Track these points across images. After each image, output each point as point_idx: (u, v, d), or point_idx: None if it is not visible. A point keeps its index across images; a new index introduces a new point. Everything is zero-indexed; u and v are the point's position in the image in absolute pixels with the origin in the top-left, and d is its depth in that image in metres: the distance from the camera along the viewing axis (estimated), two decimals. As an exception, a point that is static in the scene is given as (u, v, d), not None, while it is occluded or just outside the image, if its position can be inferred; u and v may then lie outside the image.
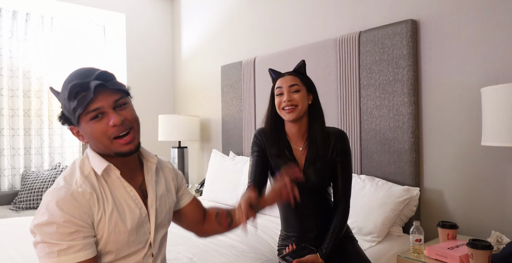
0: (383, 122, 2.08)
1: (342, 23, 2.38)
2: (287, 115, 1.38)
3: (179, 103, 4.00)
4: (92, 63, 3.77)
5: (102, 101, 0.90)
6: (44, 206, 0.87)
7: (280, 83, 1.40)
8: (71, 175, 0.93)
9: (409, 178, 1.96)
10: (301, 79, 1.41)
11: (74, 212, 0.86)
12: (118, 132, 0.92)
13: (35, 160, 3.47)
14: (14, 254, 1.62)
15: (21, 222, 2.19)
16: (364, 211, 1.86)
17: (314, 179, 1.41)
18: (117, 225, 0.92)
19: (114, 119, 0.90)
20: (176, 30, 4.03)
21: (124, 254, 0.96)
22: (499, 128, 1.41)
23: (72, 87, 0.88)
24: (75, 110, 0.89)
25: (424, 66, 1.98)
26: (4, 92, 3.30)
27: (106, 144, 0.92)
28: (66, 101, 0.91)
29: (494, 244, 1.53)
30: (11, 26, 3.36)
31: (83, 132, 0.94)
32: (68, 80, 0.92)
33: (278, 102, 1.40)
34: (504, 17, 1.71)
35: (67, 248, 0.84)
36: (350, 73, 2.23)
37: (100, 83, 0.89)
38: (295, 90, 1.37)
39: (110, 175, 0.97)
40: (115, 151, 0.93)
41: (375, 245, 1.78)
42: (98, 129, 0.90)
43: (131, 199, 0.98)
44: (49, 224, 0.84)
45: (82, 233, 0.87)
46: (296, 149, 1.45)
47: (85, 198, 0.89)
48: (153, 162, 1.06)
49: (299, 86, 1.38)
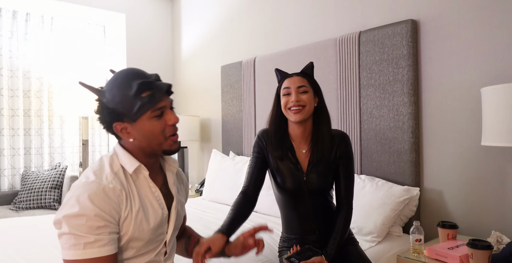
0: (383, 122, 2.08)
1: (342, 23, 2.38)
2: (294, 116, 1.36)
3: (179, 103, 4.00)
4: (92, 63, 3.78)
5: (165, 101, 0.96)
6: (75, 198, 0.87)
7: (288, 83, 1.39)
8: (101, 171, 0.94)
9: (409, 178, 1.96)
10: (308, 81, 1.40)
11: (105, 207, 0.87)
12: (174, 131, 0.98)
13: (35, 160, 3.47)
14: (14, 254, 1.61)
15: (21, 222, 2.19)
16: (364, 211, 1.86)
17: (317, 182, 1.41)
18: (141, 223, 0.94)
19: (174, 119, 0.97)
20: (176, 30, 4.03)
21: (143, 251, 0.98)
22: (499, 128, 1.41)
23: (140, 85, 0.91)
24: (143, 107, 0.92)
25: (424, 66, 1.98)
26: (4, 92, 3.30)
27: (161, 141, 0.96)
28: (126, 98, 0.92)
29: (494, 244, 1.53)
30: (11, 26, 3.36)
31: (137, 129, 0.95)
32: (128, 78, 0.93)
33: (284, 102, 1.38)
34: (504, 17, 1.71)
35: (94, 241, 0.85)
36: (350, 73, 2.23)
37: (170, 84, 0.97)
38: (303, 91, 1.37)
39: (138, 175, 0.99)
40: (165, 148, 0.98)
41: (375, 245, 1.78)
42: (158, 126, 0.95)
43: (155, 200, 1.00)
44: (79, 216, 0.85)
45: (109, 229, 0.88)
46: (299, 152, 1.44)
47: (115, 194, 0.90)
48: (175, 166, 1.09)
49: (307, 88, 1.38)
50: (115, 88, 0.94)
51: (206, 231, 1.74)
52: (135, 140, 0.96)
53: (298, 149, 1.45)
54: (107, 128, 0.97)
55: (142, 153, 0.99)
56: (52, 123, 3.59)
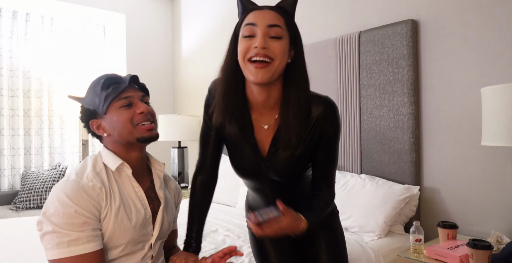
0: (383, 122, 2.08)
1: (342, 23, 2.38)
2: (255, 73, 0.90)
3: (179, 103, 4.00)
4: (92, 63, 3.78)
5: (132, 92, 1.00)
6: (54, 196, 0.89)
7: (254, 18, 0.93)
8: (83, 171, 0.96)
9: (409, 178, 1.96)
10: (286, 21, 0.95)
11: (83, 204, 0.88)
12: (143, 120, 0.99)
13: (35, 160, 3.47)
14: (14, 254, 1.61)
15: (21, 222, 2.19)
16: (365, 210, 1.87)
17: (281, 170, 1.03)
18: (122, 221, 0.94)
19: (142, 107, 0.99)
20: (176, 30, 4.03)
21: (127, 251, 0.97)
22: (499, 128, 1.41)
23: (106, 80, 0.98)
24: (107, 97, 0.96)
25: (424, 66, 1.98)
26: (4, 92, 3.30)
27: (130, 130, 0.98)
28: (95, 94, 0.98)
29: (494, 244, 1.52)
30: (11, 26, 3.36)
31: (107, 122, 0.99)
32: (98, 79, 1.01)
33: (244, 48, 0.93)
34: (504, 17, 1.71)
35: (77, 238, 0.85)
36: (350, 73, 2.23)
37: (134, 75, 1.01)
38: (275, 35, 0.91)
39: (121, 174, 1.00)
40: (137, 136, 0.99)
41: (377, 239, 1.80)
42: (126, 115, 0.97)
43: (138, 199, 1.00)
44: (59, 214, 0.86)
45: (91, 225, 0.88)
46: (259, 127, 1.03)
47: (94, 192, 0.91)
48: (160, 169, 1.10)
49: (282, 30, 0.92)
50: (89, 89, 1.02)
51: (206, 231, 1.74)
52: (109, 134, 0.99)
53: (258, 122, 1.03)
54: (88, 130, 1.02)
55: (122, 148, 1.00)
56: (52, 123, 3.59)
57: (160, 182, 1.09)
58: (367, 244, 1.73)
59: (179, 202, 1.21)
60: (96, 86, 0.99)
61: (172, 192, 1.17)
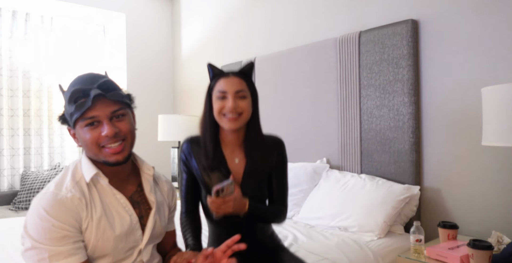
0: (383, 122, 2.08)
1: (342, 23, 2.38)
2: (229, 124, 1.20)
3: (179, 103, 4.00)
4: (92, 63, 3.77)
5: (99, 110, 0.91)
6: (32, 210, 0.87)
7: (224, 86, 1.22)
8: (62, 180, 0.93)
9: (409, 178, 1.96)
10: (247, 84, 1.25)
11: (62, 217, 0.86)
12: (109, 142, 0.93)
13: (34, 160, 3.47)
14: (14, 254, 1.61)
15: (20, 222, 2.18)
16: (365, 209, 1.86)
17: (252, 192, 1.26)
18: (105, 231, 0.92)
19: (107, 130, 0.91)
20: (176, 30, 4.03)
21: (114, 260, 0.95)
22: (499, 128, 1.41)
23: (73, 92, 0.90)
24: (72, 115, 0.91)
25: (424, 66, 1.98)
26: (4, 92, 3.30)
27: (95, 151, 0.94)
28: (66, 104, 0.93)
29: (495, 244, 1.52)
30: (11, 26, 3.35)
31: (77, 135, 0.95)
32: (72, 84, 0.93)
33: (219, 107, 1.21)
34: (504, 17, 1.71)
35: (57, 253, 0.84)
36: (350, 73, 2.23)
37: (100, 93, 0.89)
38: (242, 96, 1.21)
39: (99, 181, 0.97)
40: (103, 159, 0.95)
41: (377, 239, 1.80)
42: (91, 136, 0.92)
43: (121, 206, 0.97)
44: (37, 229, 0.84)
45: (72, 238, 0.86)
46: (231, 161, 1.28)
47: (73, 203, 0.89)
48: (149, 173, 1.06)
49: (245, 92, 1.23)
50: (65, 93, 0.95)
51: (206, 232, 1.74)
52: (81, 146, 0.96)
53: (231, 158, 1.29)
54: None
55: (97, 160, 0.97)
56: (51, 123, 3.58)
57: (150, 186, 1.05)
58: (366, 244, 1.72)
59: (174, 202, 1.18)
60: (67, 93, 0.92)
61: (165, 193, 1.13)
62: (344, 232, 1.89)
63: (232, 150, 1.29)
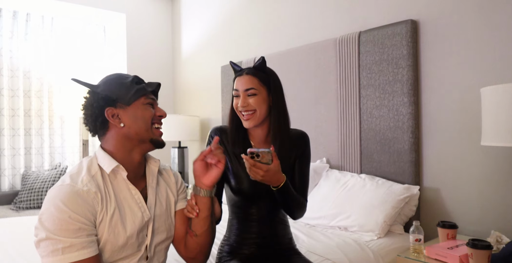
0: (383, 122, 2.08)
1: (342, 23, 2.38)
2: (245, 122, 1.27)
3: (179, 103, 4.00)
4: (92, 63, 3.78)
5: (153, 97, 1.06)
6: (48, 202, 0.87)
7: (237, 84, 1.28)
8: (78, 174, 0.94)
9: (409, 178, 1.97)
10: (260, 79, 1.26)
11: (78, 209, 0.87)
12: (159, 123, 1.06)
13: (35, 160, 3.47)
14: (14, 254, 1.62)
15: (21, 222, 2.19)
16: (365, 209, 1.87)
17: None
18: (116, 226, 0.93)
19: (162, 112, 1.06)
20: (176, 30, 4.03)
21: (121, 256, 0.95)
22: (499, 128, 1.41)
23: (135, 77, 1.03)
24: (139, 91, 1.00)
25: (424, 66, 1.99)
26: (5, 92, 3.30)
27: (148, 127, 1.01)
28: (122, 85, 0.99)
29: (494, 244, 1.53)
30: (11, 26, 3.36)
31: (129, 114, 0.98)
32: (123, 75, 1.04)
33: (235, 103, 1.30)
34: (504, 17, 1.71)
35: (71, 245, 0.84)
36: (350, 73, 2.23)
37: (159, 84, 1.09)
38: (251, 94, 1.25)
39: (116, 176, 0.98)
40: (152, 137, 1.02)
41: (377, 239, 1.80)
42: (149, 113, 1.02)
43: (135, 202, 0.99)
44: (53, 220, 0.84)
45: (86, 231, 0.87)
46: None
47: (89, 196, 0.90)
48: (155, 165, 1.08)
49: (255, 90, 1.25)
50: (111, 79, 1.01)
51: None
52: (126, 125, 0.98)
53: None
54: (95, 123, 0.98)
55: (126, 147, 0.99)
56: (52, 123, 3.59)
57: (152, 177, 1.06)
58: (366, 244, 1.73)
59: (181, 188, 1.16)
60: (122, 79, 1.02)
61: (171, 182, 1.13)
62: (344, 231, 1.90)
63: (259, 142, 1.34)
